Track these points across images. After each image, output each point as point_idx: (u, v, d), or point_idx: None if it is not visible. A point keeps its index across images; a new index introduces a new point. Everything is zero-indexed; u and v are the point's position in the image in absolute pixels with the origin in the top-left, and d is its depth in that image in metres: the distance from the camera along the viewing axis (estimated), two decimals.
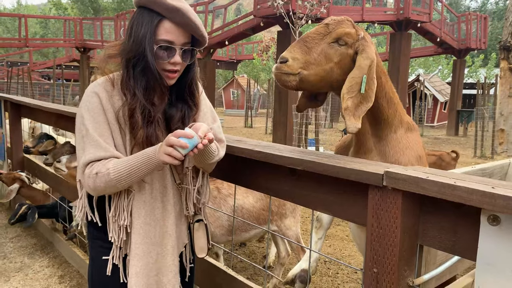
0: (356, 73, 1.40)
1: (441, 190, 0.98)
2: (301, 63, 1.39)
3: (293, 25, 6.58)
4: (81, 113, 1.33)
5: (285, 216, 3.00)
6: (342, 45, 1.42)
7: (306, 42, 1.42)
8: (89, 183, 1.29)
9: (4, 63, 25.37)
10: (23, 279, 3.30)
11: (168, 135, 1.24)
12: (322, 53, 1.41)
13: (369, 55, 1.42)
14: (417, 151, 1.64)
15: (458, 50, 15.94)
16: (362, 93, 1.39)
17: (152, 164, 1.26)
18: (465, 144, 13.37)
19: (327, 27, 1.43)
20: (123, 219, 1.35)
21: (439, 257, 1.34)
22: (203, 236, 1.53)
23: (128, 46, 1.31)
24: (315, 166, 1.31)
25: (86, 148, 1.29)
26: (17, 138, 4.51)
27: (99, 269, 1.42)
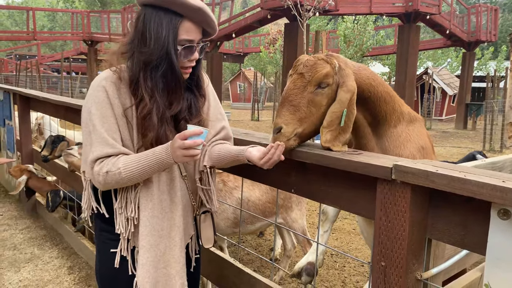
0: (337, 107, 1.39)
1: (450, 183, 0.97)
2: (294, 124, 1.39)
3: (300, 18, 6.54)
4: (87, 107, 1.32)
5: (291, 209, 3.01)
6: (325, 87, 1.40)
7: (291, 101, 1.40)
8: (99, 180, 1.29)
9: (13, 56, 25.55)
10: (33, 270, 3.35)
11: (177, 135, 1.24)
12: (310, 104, 1.40)
13: (349, 87, 1.39)
14: (418, 143, 1.63)
15: (468, 42, 15.74)
16: (342, 125, 1.39)
17: (165, 165, 1.29)
18: (474, 137, 13.25)
19: (303, 77, 1.40)
20: (130, 211, 1.36)
21: (448, 251, 1.33)
22: (209, 226, 1.55)
23: (148, 48, 1.29)
24: (323, 160, 1.30)
25: (93, 144, 1.29)
26: (26, 131, 4.55)
27: (106, 261, 1.43)
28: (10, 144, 4.93)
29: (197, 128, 1.25)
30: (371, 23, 18.58)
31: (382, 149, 1.58)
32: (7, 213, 4.62)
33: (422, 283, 1.18)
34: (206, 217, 1.54)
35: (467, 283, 1.54)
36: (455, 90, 19.38)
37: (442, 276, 1.30)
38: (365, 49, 18.30)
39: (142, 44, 1.30)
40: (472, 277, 1.57)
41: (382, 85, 1.57)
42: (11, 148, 4.91)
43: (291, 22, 10.01)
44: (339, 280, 3.39)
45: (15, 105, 4.72)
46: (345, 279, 3.41)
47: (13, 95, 4.69)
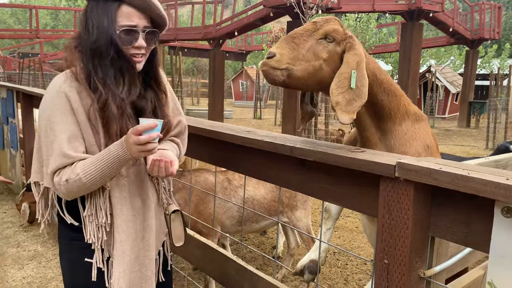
0: (344, 69, 1.40)
1: (454, 181, 0.97)
2: (289, 58, 1.38)
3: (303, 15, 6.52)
4: (48, 115, 1.25)
5: (296, 208, 3.01)
6: (330, 41, 1.42)
7: (294, 38, 1.41)
8: (62, 190, 1.25)
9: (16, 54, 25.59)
10: (36, 267, 3.37)
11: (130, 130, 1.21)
12: (310, 49, 1.41)
13: (357, 51, 1.42)
14: (424, 141, 1.63)
15: (471, 40, 15.67)
16: (353, 88, 1.38)
17: (123, 161, 1.24)
18: (477, 136, 13.20)
19: (315, 25, 1.44)
20: (101, 218, 1.30)
21: (451, 249, 1.33)
22: (179, 225, 1.53)
23: (92, 37, 1.26)
24: (326, 157, 1.30)
25: (53, 155, 1.24)
26: (30, 129, 4.57)
27: (81, 272, 1.35)
28: (13, 142, 4.95)
29: (151, 121, 1.21)
30: (373, 20, 18.53)
31: (387, 146, 1.57)
32: (10, 211, 4.64)
33: (425, 281, 1.18)
34: (176, 216, 1.52)
35: (470, 281, 1.54)
36: (458, 88, 19.31)
37: (445, 274, 1.30)
38: (368, 47, 18.24)
39: (86, 34, 1.28)
40: (475, 275, 1.57)
41: (387, 81, 1.57)
42: (14, 146, 4.93)
43: (293, 20, 9.98)
44: (342, 278, 3.39)
45: (18, 103, 4.73)
46: (347, 277, 3.41)
47: (16, 93, 4.70)
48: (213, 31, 13.66)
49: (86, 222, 1.31)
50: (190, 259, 2.28)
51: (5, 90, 5.03)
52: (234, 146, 1.69)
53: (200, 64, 38.24)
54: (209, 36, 13.86)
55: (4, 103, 5.10)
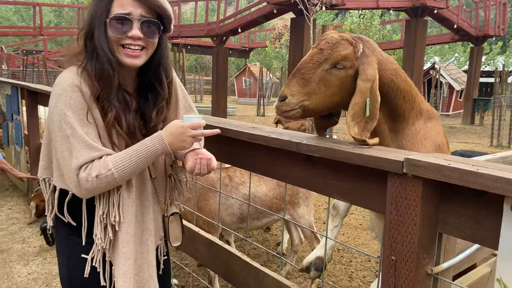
0: (358, 98, 1.36)
1: (463, 177, 0.96)
2: (301, 96, 1.37)
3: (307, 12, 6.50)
4: (61, 109, 1.19)
5: (297, 205, 3.00)
6: (341, 68, 1.37)
7: (303, 74, 1.38)
8: (87, 186, 1.19)
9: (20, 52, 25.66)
10: (41, 263, 3.38)
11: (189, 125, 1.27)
12: (321, 82, 1.37)
13: (368, 76, 1.36)
14: (436, 140, 1.62)
15: (476, 37, 15.58)
16: (367, 115, 1.37)
17: (159, 156, 1.28)
18: (481, 133, 13.14)
19: (322, 53, 1.38)
20: (113, 216, 1.27)
21: (458, 245, 1.32)
22: (177, 226, 1.53)
23: (86, 26, 1.26)
24: (333, 153, 1.29)
25: (76, 149, 1.18)
26: (34, 125, 4.58)
27: (78, 268, 1.32)
28: (18, 139, 4.97)
29: (201, 119, 1.33)
30: (377, 17, 18.44)
31: (399, 146, 1.56)
32: (16, 207, 4.66)
33: (432, 278, 1.17)
34: (175, 218, 1.51)
35: (477, 278, 1.53)
36: (462, 85, 19.22)
37: (453, 270, 1.29)
38: None
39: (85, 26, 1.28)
40: (482, 272, 1.56)
41: (404, 82, 1.53)
42: (19, 142, 4.95)
43: (297, 17, 9.95)
44: (346, 275, 3.39)
45: (23, 100, 4.75)
46: (351, 274, 3.41)
47: (20, 90, 4.71)
48: (217, 28, 13.65)
49: (96, 222, 1.29)
50: (195, 256, 2.28)
51: (9, 87, 5.05)
52: (239, 142, 1.69)
53: (203, 61, 38.23)
54: (213, 33, 13.84)
55: (9, 100, 5.12)
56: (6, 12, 38.39)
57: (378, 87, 1.38)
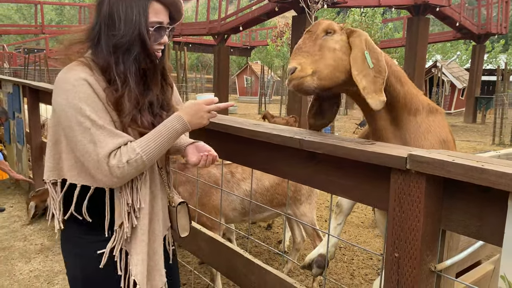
0: (355, 52, 1.44)
1: (468, 173, 0.95)
2: (310, 63, 1.40)
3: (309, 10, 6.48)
4: (74, 104, 1.19)
5: (300, 202, 3.00)
6: (333, 33, 1.48)
7: (302, 48, 1.46)
8: (118, 173, 1.19)
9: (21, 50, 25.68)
10: (43, 261, 3.39)
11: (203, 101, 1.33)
12: (322, 48, 1.45)
13: (359, 32, 1.49)
14: (440, 135, 1.60)
15: (478, 35, 15.54)
16: (372, 67, 1.42)
17: (180, 135, 1.31)
18: (484, 131, 13.11)
19: (311, 31, 1.49)
20: (137, 201, 1.30)
21: (461, 242, 1.31)
22: (185, 216, 1.54)
23: (118, 31, 1.24)
24: (336, 150, 1.28)
25: (99, 139, 1.18)
26: (36, 123, 4.58)
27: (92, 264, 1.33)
28: (20, 137, 4.97)
29: (212, 96, 1.41)
30: (379, 15, 18.39)
31: (401, 140, 1.55)
32: (17, 205, 4.67)
33: (435, 275, 1.17)
34: (182, 207, 1.53)
35: (480, 275, 1.52)
36: (464, 83, 19.17)
37: (456, 268, 1.29)
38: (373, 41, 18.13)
39: (111, 28, 1.25)
40: (485, 269, 1.55)
41: (396, 66, 1.58)
42: (21, 140, 4.95)
43: (298, 15, 9.92)
44: (348, 272, 3.39)
45: (25, 98, 4.75)
46: (353, 271, 3.41)
47: (22, 88, 4.71)
48: (218, 26, 13.63)
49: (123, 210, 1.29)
50: (197, 253, 2.28)
51: (11, 85, 5.04)
52: (242, 139, 1.68)
53: (205, 59, 38.20)
54: (214, 31, 13.83)
55: (11, 97, 5.12)
56: (8, 10, 38.42)
57: (374, 44, 1.47)
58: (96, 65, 1.27)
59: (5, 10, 38.25)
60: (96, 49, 1.28)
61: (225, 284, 3.10)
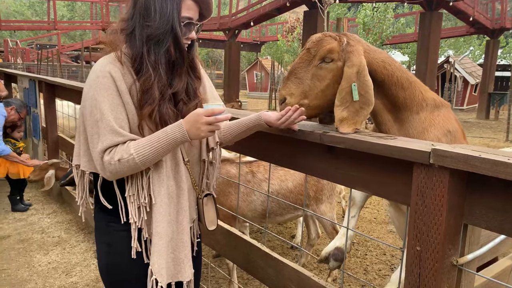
0: (344, 83, 1.43)
1: (493, 168, 0.96)
2: (298, 95, 1.45)
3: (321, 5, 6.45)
4: (92, 95, 1.26)
5: (321, 202, 2.99)
6: (329, 62, 1.46)
7: (296, 74, 1.47)
8: (111, 169, 1.25)
9: (34, 46, 25.97)
10: (61, 253, 3.45)
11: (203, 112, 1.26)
12: (314, 78, 1.46)
13: (353, 62, 1.44)
14: (444, 127, 1.61)
15: (492, 30, 15.31)
16: (356, 100, 1.41)
17: (178, 144, 1.29)
18: (497, 128, 12.95)
19: (309, 52, 1.47)
20: (143, 198, 1.33)
21: (482, 237, 1.32)
22: (212, 209, 1.56)
23: (153, 23, 1.29)
24: (358, 144, 1.30)
25: (101, 134, 1.24)
26: (52, 118, 4.65)
27: (119, 252, 1.39)
28: (36, 132, 5.05)
29: (220, 106, 1.30)
30: (391, 10, 18.19)
31: (405, 136, 1.56)
32: (34, 198, 4.75)
33: (457, 269, 1.18)
34: (208, 200, 1.54)
35: (500, 271, 1.53)
36: (477, 79, 18.92)
37: (477, 262, 1.29)
38: (385, 37, 17.94)
39: (146, 19, 1.29)
40: (504, 265, 1.56)
41: (399, 71, 1.57)
42: (37, 135, 5.03)
43: (310, 10, 9.88)
44: (361, 268, 3.40)
45: (40, 93, 4.82)
46: (367, 267, 3.42)
47: (38, 83, 4.78)
48: (229, 21, 13.63)
49: (127, 202, 1.34)
50: (214, 246, 2.31)
51: (27, 80, 5.12)
52: (260, 134, 1.70)
53: (214, 55, 38.23)
54: (225, 27, 13.84)
55: (27, 93, 5.20)
56: (20, 6, 38.84)
57: (367, 74, 1.44)
58: (127, 58, 1.32)
59: (18, 6, 38.68)
60: (130, 39, 1.32)
61: (240, 277, 3.13)
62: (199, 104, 1.42)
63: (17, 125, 4.55)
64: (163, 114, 1.31)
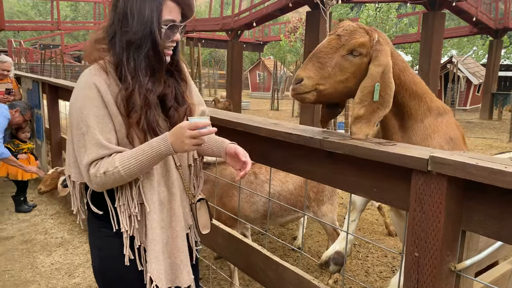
0: (368, 82, 1.41)
1: (490, 175, 0.97)
2: (316, 80, 1.42)
3: (323, 6, 6.45)
4: (79, 107, 1.26)
5: (322, 203, 3.00)
6: (357, 55, 1.42)
7: (319, 57, 1.43)
8: (97, 181, 1.25)
9: (37, 46, 26.06)
10: (63, 254, 3.48)
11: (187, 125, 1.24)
12: (336, 66, 1.42)
13: (381, 62, 1.41)
14: (447, 133, 1.62)
15: (495, 30, 15.25)
16: (376, 100, 1.39)
17: (163, 156, 1.28)
18: (500, 128, 12.91)
19: (340, 39, 1.43)
20: (133, 208, 1.33)
21: (481, 243, 1.33)
22: (205, 213, 1.56)
23: (131, 28, 1.27)
24: (356, 150, 1.30)
25: (87, 147, 1.24)
26: (55, 120, 4.68)
27: (110, 258, 1.39)
28: (39, 133, 5.08)
29: (205, 119, 1.29)
30: (393, 10, 18.17)
31: (409, 142, 1.58)
32: (37, 199, 4.78)
33: (455, 274, 1.18)
34: (201, 204, 1.55)
35: (499, 275, 1.53)
36: (480, 79, 18.85)
37: (475, 267, 1.30)
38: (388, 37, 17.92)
39: (125, 24, 1.29)
40: (503, 269, 1.56)
41: (411, 82, 1.58)
42: (40, 136, 5.06)
43: (312, 10, 9.87)
44: (362, 270, 3.40)
45: (44, 94, 4.85)
46: (368, 269, 3.42)
47: (42, 85, 4.81)
48: (232, 21, 13.64)
49: (118, 212, 1.34)
50: (215, 249, 2.32)
51: (31, 82, 5.15)
52: (261, 138, 1.71)
53: (217, 55, 38.24)
54: (227, 27, 13.84)
55: (30, 94, 5.23)
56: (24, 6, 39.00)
57: (391, 75, 1.42)
58: (111, 66, 1.31)
59: (22, 6, 38.84)
60: (112, 46, 1.32)
61: (241, 279, 3.15)
62: (188, 109, 1.43)
63: (22, 127, 4.58)
64: (150, 121, 1.30)
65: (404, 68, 1.57)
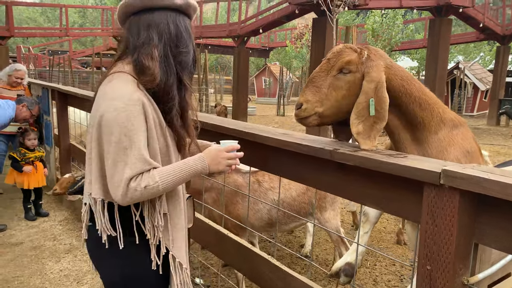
0: (362, 98, 1.46)
1: (504, 190, 0.96)
2: (314, 102, 1.50)
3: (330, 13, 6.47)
4: (122, 122, 1.26)
5: (324, 209, 3.00)
6: (347, 73, 1.50)
7: (314, 82, 1.52)
8: (135, 195, 1.27)
9: (46, 52, 26.33)
10: (72, 260, 3.49)
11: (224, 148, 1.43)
12: (331, 87, 1.50)
13: (373, 77, 1.47)
14: (464, 147, 1.61)
15: (502, 36, 15.18)
16: (372, 115, 1.45)
17: (197, 175, 1.42)
18: (507, 134, 12.81)
19: (329, 62, 1.52)
20: (157, 220, 1.40)
21: (494, 254, 1.32)
22: (190, 208, 1.69)
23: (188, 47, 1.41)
24: (367, 162, 1.31)
25: (130, 161, 1.26)
26: (64, 126, 4.72)
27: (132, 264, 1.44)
28: (48, 139, 5.12)
29: (235, 143, 1.48)
30: (400, 16, 18.16)
31: (424, 155, 1.57)
32: (46, 205, 4.81)
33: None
34: (189, 201, 1.67)
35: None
36: (487, 85, 18.74)
37: (488, 280, 1.29)
38: (394, 43, 17.91)
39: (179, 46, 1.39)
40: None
41: (418, 91, 1.58)
42: (49, 142, 5.10)
43: (319, 17, 9.90)
44: (370, 278, 3.39)
45: (53, 101, 4.89)
46: (376, 277, 3.40)
47: (51, 92, 4.86)
48: (238, 28, 13.71)
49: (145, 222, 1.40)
50: (224, 257, 2.33)
51: (40, 88, 5.21)
52: (270, 148, 1.72)
53: (223, 61, 38.40)
54: (234, 34, 13.91)
55: (40, 100, 5.27)
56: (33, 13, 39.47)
57: (385, 90, 1.46)
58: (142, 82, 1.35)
59: (31, 13, 39.31)
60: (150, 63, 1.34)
61: (248, 287, 3.14)
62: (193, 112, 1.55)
63: (29, 122, 4.54)
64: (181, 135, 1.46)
65: (408, 78, 1.58)
